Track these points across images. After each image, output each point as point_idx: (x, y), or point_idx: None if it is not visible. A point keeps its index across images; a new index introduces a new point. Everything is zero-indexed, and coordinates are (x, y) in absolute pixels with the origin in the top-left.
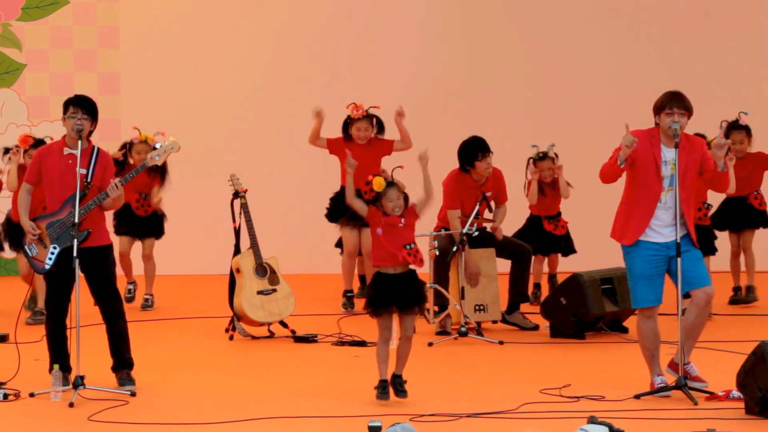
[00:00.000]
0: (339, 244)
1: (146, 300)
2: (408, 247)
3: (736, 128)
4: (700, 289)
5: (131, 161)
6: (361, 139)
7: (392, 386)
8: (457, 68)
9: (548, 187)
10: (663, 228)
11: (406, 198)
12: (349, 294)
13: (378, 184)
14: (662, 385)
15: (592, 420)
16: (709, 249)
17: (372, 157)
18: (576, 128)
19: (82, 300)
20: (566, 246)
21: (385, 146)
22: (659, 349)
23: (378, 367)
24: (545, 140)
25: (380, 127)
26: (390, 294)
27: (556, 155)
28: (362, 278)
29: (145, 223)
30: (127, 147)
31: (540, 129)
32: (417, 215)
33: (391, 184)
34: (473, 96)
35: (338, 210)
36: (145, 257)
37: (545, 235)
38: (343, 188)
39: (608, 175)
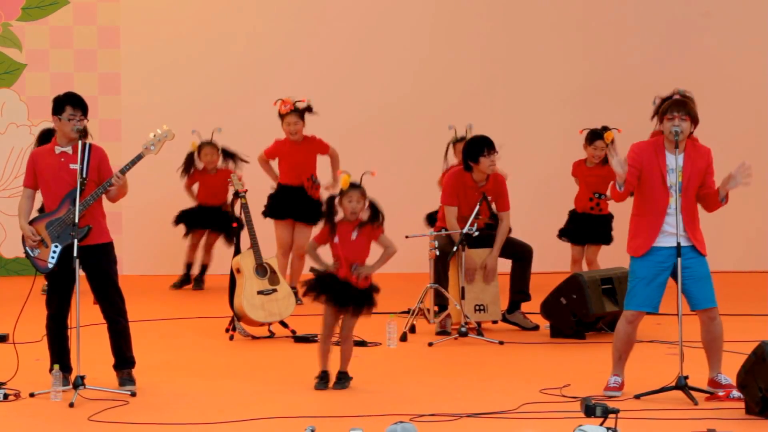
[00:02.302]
0: (178, 220)
1: None
2: (354, 266)
3: (599, 137)
4: (702, 312)
5: None
6: (292, 133)
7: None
8: (438, 65)
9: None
10: (673, 235)
11: (373, 209)
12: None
13: (344, 181)
14: (615, 385)
15: (586, 402)
16: (606, 238)
17: (306, 153)
18: (571, 130)
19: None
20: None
21: (320, 146)
22: (628, 354)
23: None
24: (542, 144)
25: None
26: (331, 285)
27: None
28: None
29: None
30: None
31: (533, 130)
32: (377, 236)
33: (356, 186)
34: (454, 93)
35: (275, 208)
36: None
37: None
38: (283, 187)
39: (618, 198)
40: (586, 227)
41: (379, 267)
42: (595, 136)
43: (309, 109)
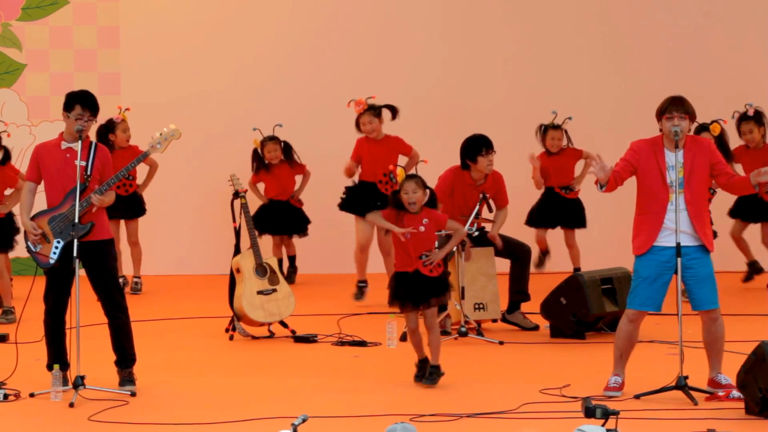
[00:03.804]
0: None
1: (135, 284)
2: (424, 257)
3: (744, 119)
4: (704, 313)
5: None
6: (370, 132)
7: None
8: (457, 68)
9: (555, 155)
10: (677, 233)
11: (432, 197)
12: (361, 284)
13: (401, 174)
14: (615, 385)
15: (586, 404)
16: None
17: (387, 151)
18: (578, 129)
19: (83, 299)
20: (574, 217)
21: (402, 146)
22: (629, 353)
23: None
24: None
25: (393, 113)
26: (403, 293)
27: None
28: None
29: (126, 203)
30: (106, 128)
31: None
32: (444, 224)
33: (411, 176)
34: (473, 96)
35: (352, 202)
36: (131, 243)
37: (563, 203)
38: (361, 183)
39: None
40: None
41: (449, 250)
42: (701, 129)
43: (385, 106)
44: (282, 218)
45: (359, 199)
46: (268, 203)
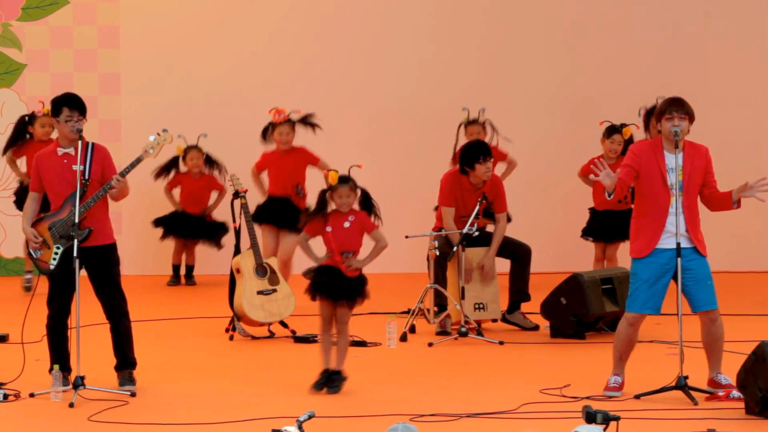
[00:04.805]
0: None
1: None
2: (345, 255)
3: (617, 131)
4: (703, 313)
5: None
6: (283, 143)
7: (328, 380)
8: (443, 68)
9: None
10: (675, 236)
11: (365, 199)
12: None
13: (332, 177)
14: (615, 385)
15: (587, 409)
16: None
17: (294, 163)
18: (574, 129)
19: (83, 300)
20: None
21: (309, 157)
22: (629, 354)
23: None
24: (542, 143)
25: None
26: (324, 281)
27: (493, 126)
28: None
29: None
30: (28, 119)
31: (537, 130)
32: (370, 229)
33: (345, 180)
34: (456, 92)
35: (261, 214)
36: None
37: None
38: (269, 197)
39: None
40: (610, 224)
41: (369, 261)
42: (613, 130)
43: (304, 120)
44: (198, 227)
45: (268, 212)
46: (181, 213)
